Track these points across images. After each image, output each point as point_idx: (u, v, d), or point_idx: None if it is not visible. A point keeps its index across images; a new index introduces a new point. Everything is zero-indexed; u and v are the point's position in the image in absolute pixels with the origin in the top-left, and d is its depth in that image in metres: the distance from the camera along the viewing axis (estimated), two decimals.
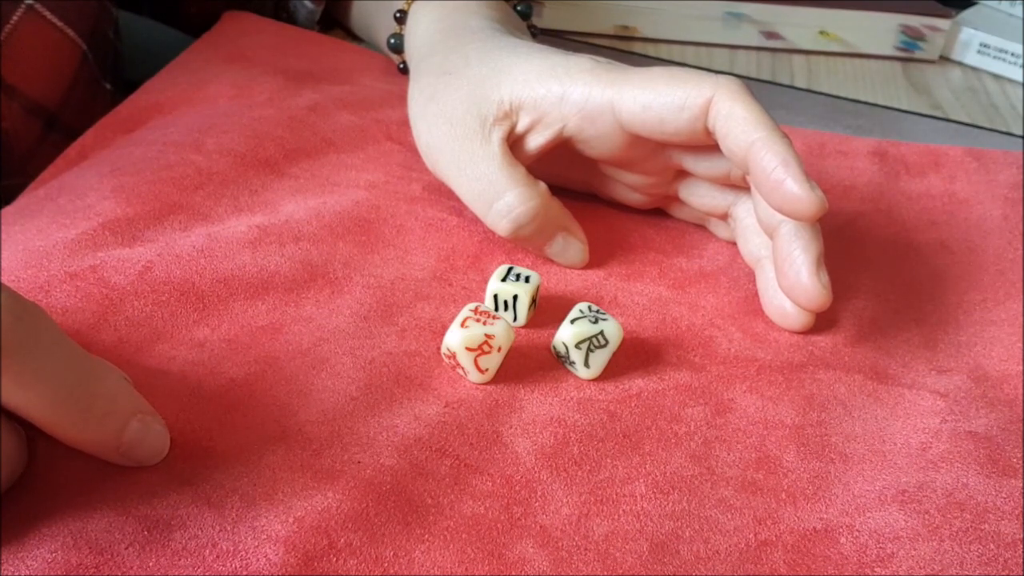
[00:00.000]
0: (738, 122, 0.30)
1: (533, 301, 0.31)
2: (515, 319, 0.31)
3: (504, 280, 0.31)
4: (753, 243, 0.34)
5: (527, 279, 0.31)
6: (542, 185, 0.33)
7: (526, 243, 0.34)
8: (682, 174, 0.35)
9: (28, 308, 0.21)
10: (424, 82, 0.36)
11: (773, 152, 0.29)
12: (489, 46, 0.35)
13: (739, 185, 0.34)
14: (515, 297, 0.30)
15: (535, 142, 0.34)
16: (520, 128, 0.33)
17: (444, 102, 0.34)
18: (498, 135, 0.33)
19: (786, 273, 0.31)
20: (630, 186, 0.36)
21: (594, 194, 0.38)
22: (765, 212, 0.32)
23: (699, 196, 0.35)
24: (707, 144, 0.32)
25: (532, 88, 0.33)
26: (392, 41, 0.43)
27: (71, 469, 0.24)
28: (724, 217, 0.36)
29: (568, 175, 0.37)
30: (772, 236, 0.32)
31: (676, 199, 0.37)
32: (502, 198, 0.32)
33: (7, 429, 0.22)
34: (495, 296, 0.31)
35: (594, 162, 0.36)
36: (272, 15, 0.52)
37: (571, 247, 0.34)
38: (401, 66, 0.43)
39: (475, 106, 0.33)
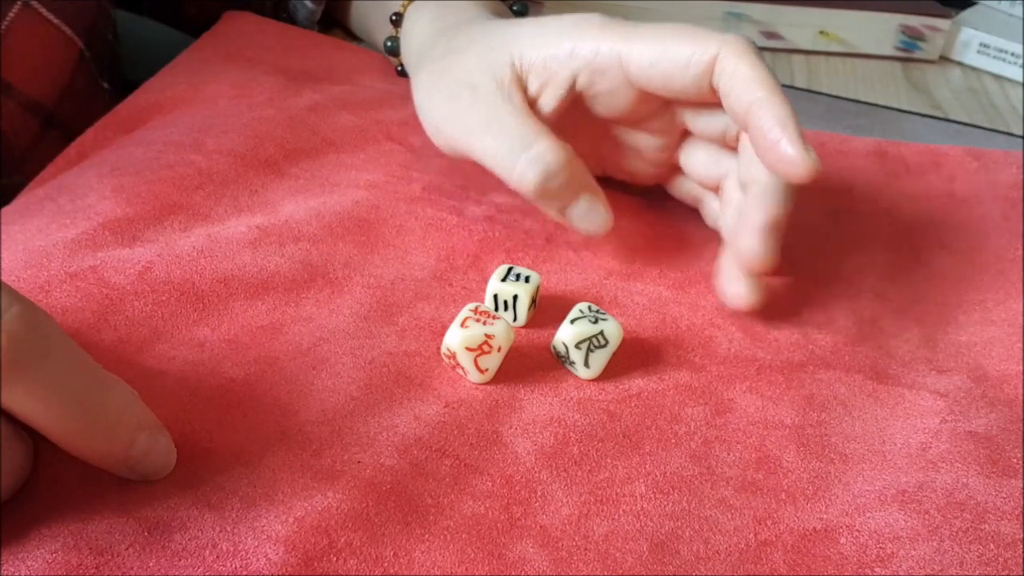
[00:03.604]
0: (741, 80, 0.30)
1: (533, 301, 0.31)
2: (515, 319, 0.31)
3: (504, 280, 0.31)
4: (735, 219, 0.34)
5: (527, 279, 0.31)
6: (567, 145, 0.33)
7: (550, 200, 0.33)
8: (684, 137, 0.35)
9: (41, 318, 0.21)
10: (428, 70, 0.36)
11: (772, 112, 0.29)
12: (491, 26, 0.35)
13: (734, 147, 0.34)
14: (515, 297, 0.30)
15: (549, 103, 0.34)
16: (532, 92, 0.33)
17: (458, 73, 0.34)
18: (518, 94, 0.33)
19: (739, 232, 0.31)
20: (637, 152, 0.36)
21: (603, 172, 0.38)
22: (745, 170, 0.32)
23: (697, 165, 0.35)
24: (713, 102, 0.32)
25: (540, 50, 0.33)
26: (388, 44, 0.43)
27: (72, 471, 0.24)
28: (718, 190, 0.36)
29: (578, 144, 0.37)
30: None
31: (677, 169, 0.37)
32: (532, 148, 0.32)
33: (14, 437, 0.22)
34: (495, 296, 0.31)
35: (604, 128, 0.35)
36: (272, 15, 0.52)
37: (596, 211, 0.33)
38: (399, 68, 0.43)
39: (489, 70, 0.33)
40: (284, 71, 0.45)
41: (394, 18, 0.42)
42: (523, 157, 0.32)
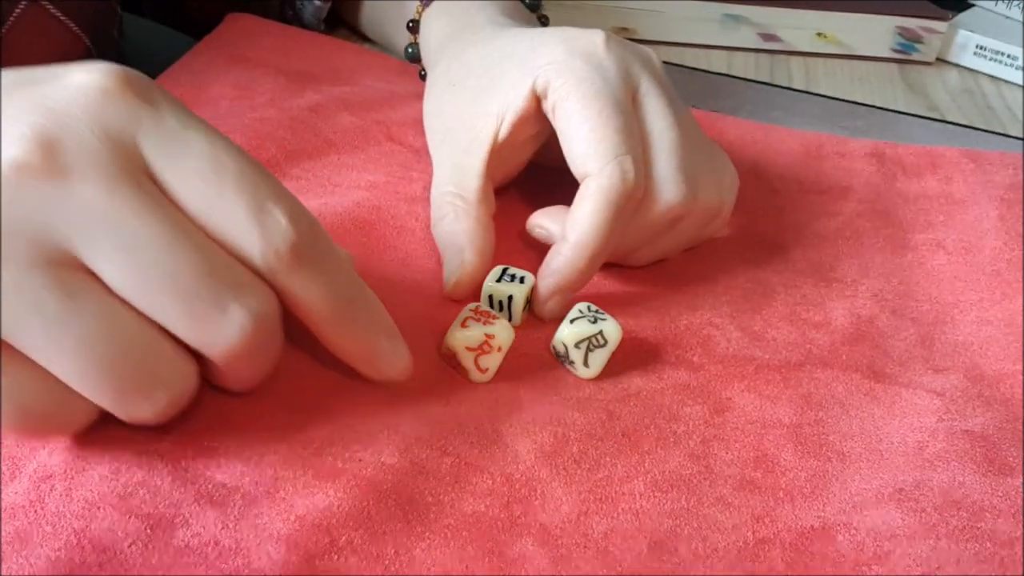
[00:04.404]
0: (575, 214, 0.31)
1: (528, 302, 0.31)
2: (510, 319, 0.31)
3: (499, 280, 0.31)
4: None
5: (522, 280, 0.31)
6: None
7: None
8: None
9: (320, 226, 0.25)
10: (434, 93, 0.37)
11: (561, 258, 0.31)
12: (489, 50, 0.36)
13: None
14: (510, 298, 0.31)
15: (529, 145, 0.35)
16: (509, 136, 0.33)
17: (447, 116, 0.35)
18: (486, 148, 0.33)
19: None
20: None
21: None
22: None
23: None
24: None
25: (519, 101, 0.33)
26: (409, 51, 0.44)
27: (72, 467, 0.24)
28: None
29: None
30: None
31: None
32: (444, 218, 0.33)
33: (185, 358, 0.23)
34: (490, 296, 0.31)
35: None
36: (278, 12, 0.52)
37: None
38: (422, 73, 0.44)
39: (470, 120, 0.34)
40: (285, 72, 0.45)
41: (411, 25, 0.42)
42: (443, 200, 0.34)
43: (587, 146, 0.31)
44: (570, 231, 0.31)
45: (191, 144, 0.23)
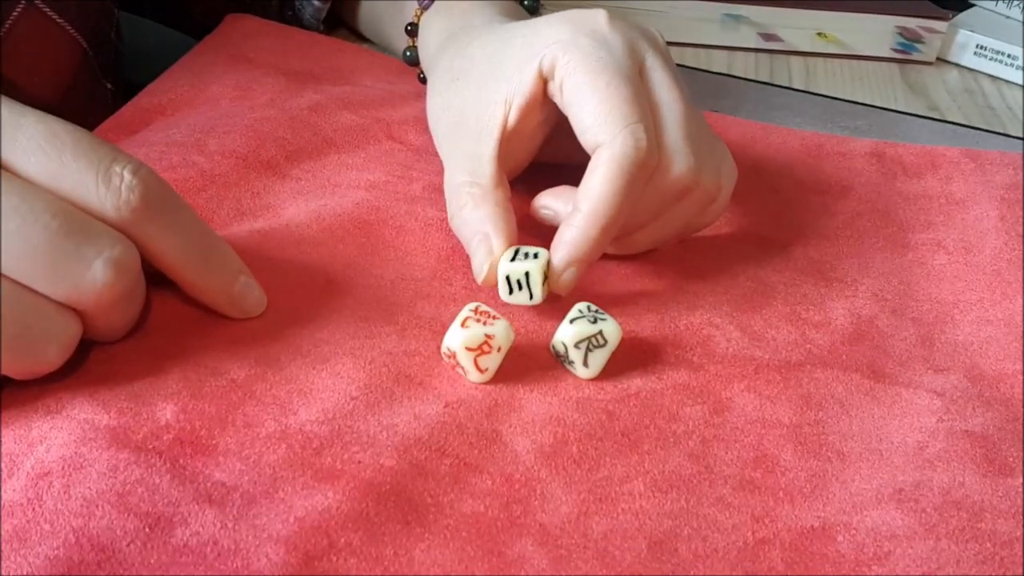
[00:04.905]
0: (588, 184, 0.30)
1: (546, 276, 0.31)
2: (531, 297, 0.31)
3: (513, 260, 0.31)
4: None
5: (535, 255, 0.31)
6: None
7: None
8: None
9: (164, 180, 0.27)
10: (438, 90, 0.37)
11: (574, 229, 0.30)
12: (490, 40, 0.36)
13: None
14: (527, 274, 0.30)
15: (536, 131, 0.34)
16: (517, 122, 0.33)
17: (454, 110, 0.35)
18: (496, 135, 0.33)
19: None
20: None
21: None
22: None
23: None
24: None
25: (524, 87, 0.33)
26: (408, 54, 0.44)
27: (70, 464, 0.24)
28: None
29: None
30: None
31: None
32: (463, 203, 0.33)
33: (62, 309, 0.25)
34: (507, 277, 0.31)
35: None
36: (278, 13, 0.52)
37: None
38: (421, 76, 0.44)
39: (478, 108, 0.34)
40: (285, 72, 0.45)
41: (409, 28, 0.43)
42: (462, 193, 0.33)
43: (597, 117, 0.30)
44: (582, 201, 0.30)
45: (24, 126, 0.25)
